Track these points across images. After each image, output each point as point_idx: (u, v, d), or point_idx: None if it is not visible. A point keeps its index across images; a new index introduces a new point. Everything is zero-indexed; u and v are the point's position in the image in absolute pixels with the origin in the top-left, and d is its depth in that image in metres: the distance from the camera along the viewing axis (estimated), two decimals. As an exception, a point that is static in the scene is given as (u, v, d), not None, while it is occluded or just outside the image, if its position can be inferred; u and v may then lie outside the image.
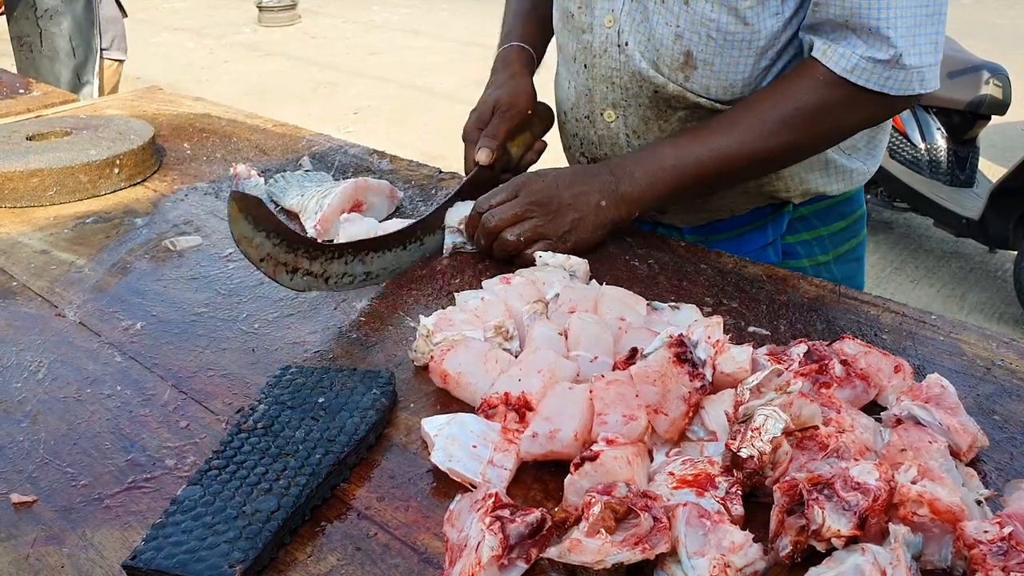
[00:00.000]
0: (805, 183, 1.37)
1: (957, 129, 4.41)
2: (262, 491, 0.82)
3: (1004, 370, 0.98)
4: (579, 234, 1.23)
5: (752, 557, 0.74)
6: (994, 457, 0.85)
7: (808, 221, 1.43)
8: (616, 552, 0.71)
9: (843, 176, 1.39)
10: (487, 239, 1.24)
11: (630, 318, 1.04)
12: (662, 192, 1.25)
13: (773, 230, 1.42)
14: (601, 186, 1.24)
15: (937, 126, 4.43)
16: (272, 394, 0.95)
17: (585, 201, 1.23)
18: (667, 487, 0.80)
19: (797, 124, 1.21)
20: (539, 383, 0.91)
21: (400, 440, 0.93)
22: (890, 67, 1.16)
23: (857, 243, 1.49)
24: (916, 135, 4.42)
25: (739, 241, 1.41)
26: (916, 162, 4.40)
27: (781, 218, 1.41)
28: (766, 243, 1.42)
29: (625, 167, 1.25)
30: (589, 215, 1.23)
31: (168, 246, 1.35)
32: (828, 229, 1.45)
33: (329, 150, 1.72)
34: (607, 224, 1.25)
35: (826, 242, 1.45)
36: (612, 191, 1.24)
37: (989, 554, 0.69)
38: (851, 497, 0.73)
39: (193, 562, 0.75)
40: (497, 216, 1.23)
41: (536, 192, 1.23)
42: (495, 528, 0.74)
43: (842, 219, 1.45)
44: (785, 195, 1.37)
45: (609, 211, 1.24)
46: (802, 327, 1.08)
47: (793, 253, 1.44)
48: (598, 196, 1.24)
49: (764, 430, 0.80)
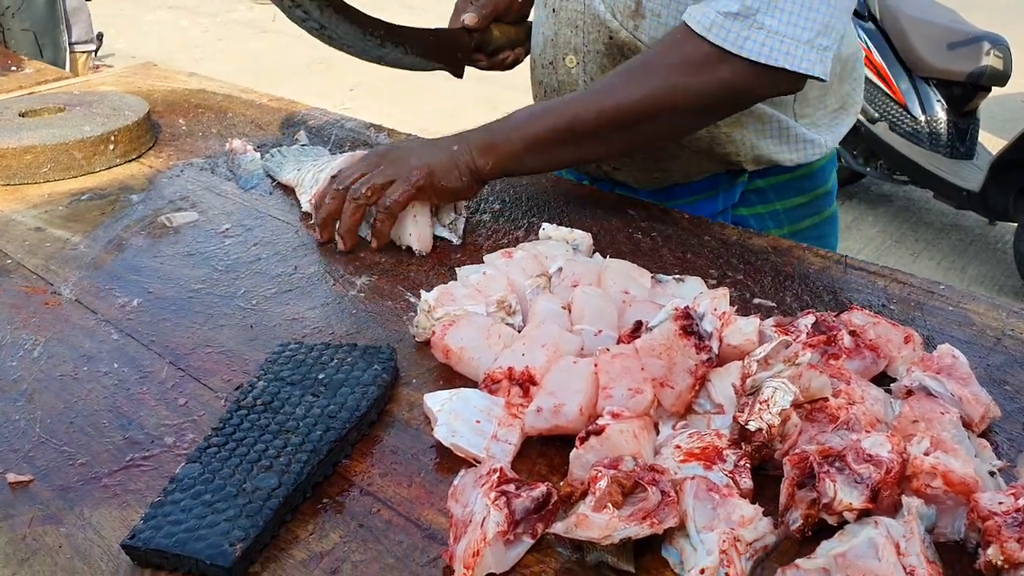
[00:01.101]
0: (757, 148, 1.34)
1: (957, 101, 4.38)
2: (262, 468, 0.80)
3: (1015, 340, 0.96)
4: (434, 171, 1.19)
5: (762, 531, 0.73)
6: (1006, 428, 0.84)
7: (764, 194, 1.41)
8: (624, 527, 0.70)
9: (797, 146, 1.36)
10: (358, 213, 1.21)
11: (634, 291, 1.03)
12: (516, 143, 1.20)
13: (724, 199, 1.40)
14: (454, 139, 1.23)
15: (937, 98, 4.40)
16: (271, 370, 0.94)
17: (438, 148, 1.23)
18: (674, 461, 0.79)
19: (652, 82, 1.16)
20: (543, 357, 0.90)
21: (402, 416, 0.91)
22: (746, 25, 1.10)
23: (819, 220, 1.46)
24: (916, 107, 4.39)
25: (691, 208, 1.39)
26: (916, 134, 4.38)
27: (734, 188, 1.40)
28: (716, 212, 1.40)
29: (485, 127, 1.25)
30: (444, 156, 1.21)
31: (164, 222, 1.33)
32: (784, 204, 1.42)
33: (326, 124, 1.70)
34: (465, 168, 1.21)
35: (781, 217, 1.42)
36: (465, 138, 1.23)
37: (1004, 525, 0.67)
38: (863, 469, 0.72)
39: (192, 541, 0.74)
40: (361, 187, 1.20)
41: (381, 149, 1.27)
42: (500, 503, 0.73)
43: (800, 194, 1.43)
44: (736, 159, 1.35)
45: (463, 155, 1.21)
46: (808, 299, 1.06)
47: (745, 225, 1.41)
48: (449, 142, 1.23)
49: (772, 402, 0.78)
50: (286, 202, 1.38)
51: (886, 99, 4.45)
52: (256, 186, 1.44)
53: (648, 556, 0.73)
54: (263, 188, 1.43)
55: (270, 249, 1.24)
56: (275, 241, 1.26)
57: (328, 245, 1.24)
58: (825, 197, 1.46)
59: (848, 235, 4.44)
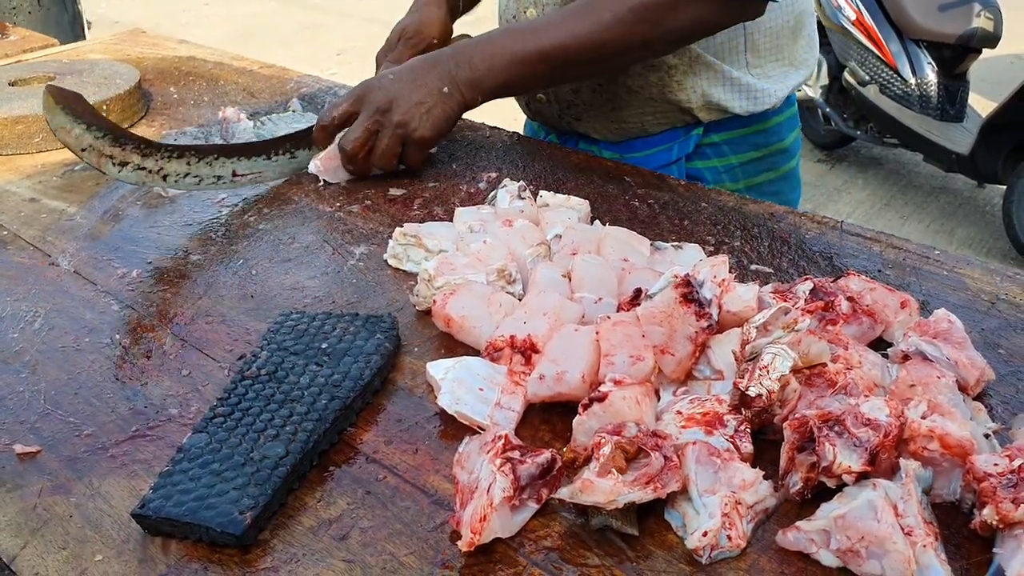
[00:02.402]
0: (707, 96, 1.37)
1: (947, 63, 4.38)
2: (269, 437, 0.81)
3: (1008, 304, 0.98)
4: (432, 124, 1.27)
5: (763, 494, 0.74)
6: (1000, 391, 0.86)
7: (719, 148, 1.44)
8: (627, 492, 0.71)
9: (747, 94, 1.39)
10: (352, 162, 1.30)
11: (633, 259, 1.03)
12: (501, 78, 1.27)
13: (678, 149, 1.43)
14: (441, 74, 1.27)
15: (928, 60, 4.39)
16: (274, 340, 0.94)
17: (428, 91, 1.27)
18: (675, 426, 0.80)
19: (630, 18, 1.21)
20: (544, 325, 0.91)
21: (405, 384, 0.92)
22: None
23: (775, 177, 1.50)
24: (907, 70, 4.38)
25: (648, 159, 1.41)
26: (906, 97, 4.38)
27: (688, 140, 1.43)
28: (670, 161, 1.43)
29: (465, 53, 1.28)
30: (436, 105, 1.27)
31: (160, 192, 1.32)
32: (739, 158, 1.45)
33: (318, 91, 1.69)
34: (456, 108, 1.29)
35: (736, 171, 1.46)
36: (452, 76, 1.27)
37: (999, 486, 0.69)
38: (862, 433, 0.73)
39: (203, 509, 0.75)
40: (350, 140, 1.28)
41: (377, 100, 1.27)
42: (506, 470, 0.74)
43: (755, 149, 1.46)
44: (687, 104, 1.38)
45: (454, 95, 1.27)
46: (805, 264, 1.07)
47: (700, 178, 1.44)
48: (439, 83, 1.27)
49: (772, 368, 0.80)
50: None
51: (877, 61, 4.45)
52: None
53: (651, 520, 0.74)
54: (258, 157, 1.43)
55: (267, 218, 1.24)
56: (271, 210, 1.26)
57: (325, 215, 1.24)
58: (781, 154, 1.49)
59: (838, 198, 4.46)
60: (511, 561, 0.72)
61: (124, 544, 0.75)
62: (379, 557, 0.73)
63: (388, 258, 1.12)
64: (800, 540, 0.70)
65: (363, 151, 1.29)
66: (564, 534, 0.74)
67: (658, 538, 0.73)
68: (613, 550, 0.72)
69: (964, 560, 0.70)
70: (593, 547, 0.72)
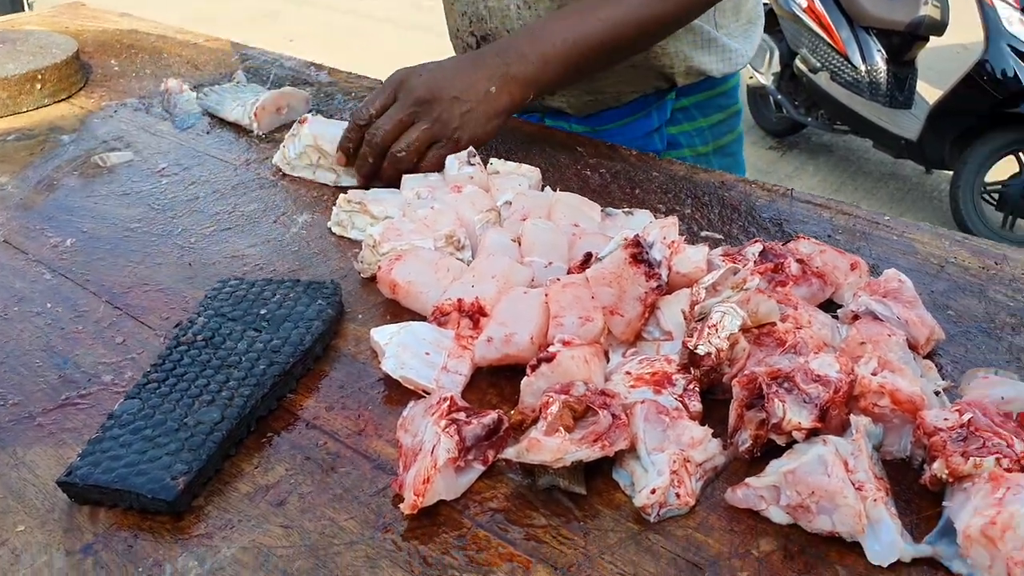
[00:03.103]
0: (689, 60, 1.36)
1: (896, 51, 4.44)
2: (204, 403, 0.78)
3: (957, 267, 0.98)
4: (472, 128, 1.13)
5: (712, 452, 0.73)
6: (949, 351, 0.85)
7: (689, 112, 1.44)
8: (575, 450, 0.69)
9: (724, 56, 1.39)
10: (376, 157, 1.13)
11: (584, 224, 1.02)
12: (556, 70, 1.16)
13: (658, 116, 1.42)
14: (490, 72, 1.13)
15: (877, 48, 4.45)
16: (211, 307, 0.91)
17: (474, 91, 1.12)
18: (624, 386, 0.79)
19: None
20: (493, 288, 0.89)
21: (349, 351, 0.90)
22: None
23: (733, 139, 1.50)
24: (857, 57, 4.43)
25: (626, 129, 1.40)
26: (856, 84, 4.43)
27: (665, 105, 1.41)
28: (651, 129, 1.41)
29: (514, 47, 1.16)
30: (480, 106, 1.13)
31: (98, 162, 1.28)
32: (707, 120, 1.45)
33: (264, 63, 1.65)
34: (501, 112, 1.15)
35: (706, 133, 1.46)
36: (502, 75, 1.13)
37: (949, 441, 0.68)
38: (812, 389, 0.72)
39: (133, 476, 0.71)
40: (381, 128, 1.12)
41: (416, 89, 1.12)
42: (451, 431, 0.72)
43: (720, 111, 1.46)
44: (671, 71, 1.36)
45: (502, 97, 1.14)
46: (755, 231, 1.06)
47: (676, 143, 1.44)
48: (487, 83, 1.13)
49: (721, 327, 0.78)
50: (224, 141, 1.34)
51: (827, 49, 4.49)
52: (193, 125, 1.39)
53: (599, 479, 0.73)
54: (200, 127, 1.39)
55: (208, 188, 1.20)
56: (213, 180, 1.22)
57: (267, 183, 1.20)
58: (737, 115, 1.50)
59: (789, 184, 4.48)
60: (455, 523, 0.70)
61: (49, 514, 0.71)
62: (318, 522, 0.70)
63: (332, 226, 1.09)
64: (749, 497, 0.69)
65: (391, 144, 1.12)
66: (511, 495, 0.72)
67: (606, 497, 0.71)
68: (560, 510, 0.70)
69: (914, 515, 0.69)
70: (540, 507, 0.70)
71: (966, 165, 3.93)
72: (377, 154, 1.13)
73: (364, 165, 1.15)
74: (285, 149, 1.18)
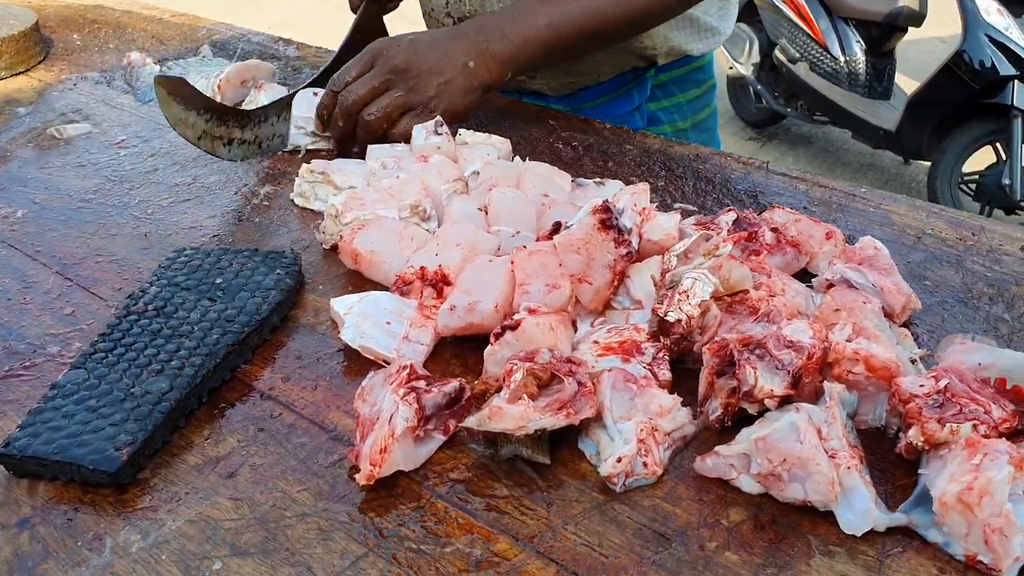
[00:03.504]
0: (670, 41, 1.34)
1: (875, 41, 4.43)
2: (153, 372, 0.75)
3: (934, 238, 0.95)
4: (448, 99, 1.12)
5: (681, 421, 0.70)
6: (926, 320, 0.83)
7: (667, 88, 1.41)
8: (538, 418, 0.67)
9: (704, 35, 1.37)
10: (346, 120, 1.11)
11: (554, 194, 0.99)
12: (536, 52, 1.15)
13: (638, 95, 1.39)
14: (467, 46, 1.12)
15: (856, 39, 4.43)
16: (165, 276, 0.87)
17: (451, 63, 1.11)
18: (592, 355, 0.76)
19: None
20: (457, 256, 0.86)
21: (308, 321, 0.86)
22: None
23: (709, 113, 1.48)
24: (836, 47, 4.42)
25: (606, 108, 1.37)
26: (835, 75, 4.41)
27: (645, 83, 1.39)
28: (632, 108, 1.39)
29: (494, 25, 1.14)
30: (457, 78, 1.12)
31: (54, 134, 1.24)
32: (685, 96, 1.43)
33: (231, 38, 1.61)
34: (478, 87, 1.14)
35: (684, 108, 1.43)
36: (481, 51, 1.12)
37: (925, 407, 0.66)
38: (784, 355, 0.69)
39: (75, 447, 0.68)
40: (354, 93, 1.10)
41: (392, 58, 1.10)
42: (410, 399, 0.69)
43: (697, 87, 1.44)
44: (652, 52, 1.34)
45: (479, 72, 1.13)
46: (730, 203, 1.04)
47: (656, 120, 1.42)
48: (464, 56, 1.12)
49: (692, 293, 0.76)
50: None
51: (806, 39, 4.47)
52: (154, 99, 1.35)
53: (564, 449, 0.70)
54: (162, 100, 1.35)
55: (168, 159, 1.16)
56: (173, 152, 1.18)
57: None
58: (712, 90, 1.48)
59: (769, 175, 4.47)
60: (413, 494, 0.67)
61: (-14, 486, 0.68)
62: (269, 495, 0.67)
63: (295, 197, 1.06)
64: (719, 465, 0.66)
65: (362, 109, 1.10)
66: (472, 466, 0.69)
67: (571, 467, 0.68)
68: (523, 480, 0.67)
69: (889, 484, 0.66)
70: (502, 478, 0.68)
71: (944, 155, 3.92)
72: (347, 117, 1.11)
73: (336, 129, 1.13)
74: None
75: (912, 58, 5.36)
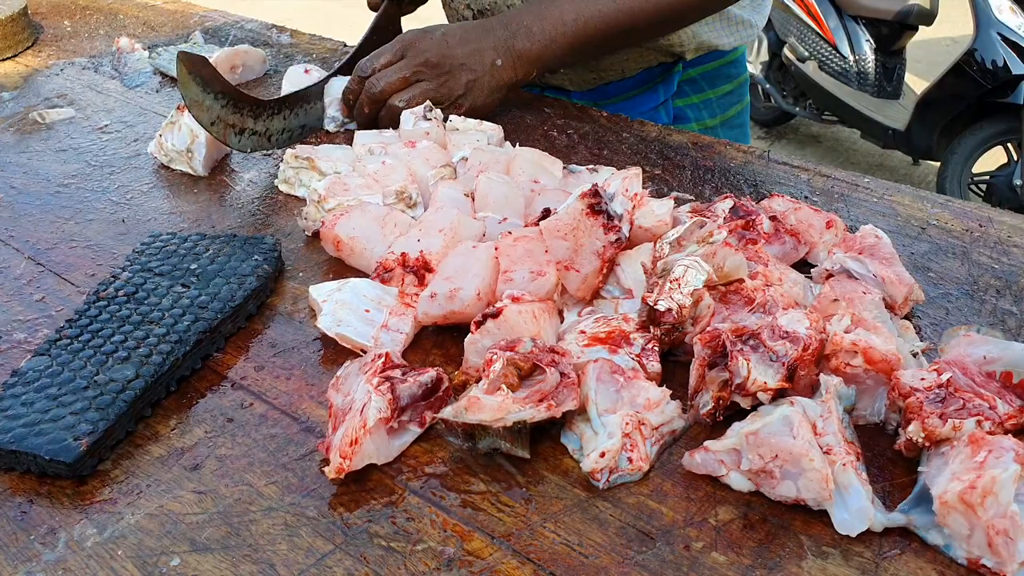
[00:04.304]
0: (699, 36, 1.29)
1: (885, 40, 4.38)
2: (119, 360, 0.72)
3: (939, 229, 0.91)
4: (474, 97, 1.12)
5: (669, 415, 0.67)
6: (929, 312, 0.79)
7: (696, 83, 1.36)
8: (518, 409, 0.63)
9: (735, 29, 1.32)
10: (372, 107, 1.11)
11: (545, 180, 0.95)
12: (563, 50, 1.13)
13: (664, 90, 1.34)
14: (495, 43, 1.11)
15: (866, 37, 4.38)
16: (139, 261, 0.84)
17: (479, 60, 1.11)
18: (577, 345, 0.72)
19: None
20: (440, 243, 0.82)
21: (285, 309, 0.83)
22: None
23: (741, 108, 1.43)
24: (845, 46, 4.37)
25: (630, 104, 1.32)
26: (845, 73, 4.37)
27: (672, 78, 1.34)
28: (658, 104, 1.34)
29: (522, 21, 1.12)
30: (484, 76, 1.11)
31: (36, 118, 1.21)
32: (716, 92, 1.38)
33: (224, 25, 1.58)
34: (504, 86, 1.13)
35: (714, 105, 1.38)
36: (508, 48, 1.11)
37: (926, 401, 0.62)
38: (779, 347, 0.66)
39: (32, 436, 0.65)
40: (383, 80, 1.09)
41: (425, 52, 1.10)
42: (383, 389, 0.66)
43: (728, 82, 1.39)
44: (679, 49, 1.29)
45: (506, 71, 1.12)
46: (729, 191, 1.00)
47: (683, 117, 1.37)
48: (493, 54, 1.11)
49: (684, 282, 0.72)
50: (173, 99, 1.27)
51: (816, 38, 4.43)
52: (142, 84, 1.32)
53: (546, 444, 0.66)
54: (149, 86, 1.32)
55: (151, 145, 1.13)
56: (158, 137, 1.15)
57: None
58: (744, 85, 1.42)
59: (776, 174, 4.43)
60: (386, 489, 0.63)
61: (-62, 476, 0.65)
62: (235, 488, 0.64)
63: (279, 183, 1.03)
64: (708, 461, 0.63)
65: (389, 97, 1.10)
66: (449, 460, 0.66)
67: (552, 462, 0.65)
68: (501, 475, 0.64)
69: (887, 482, 0.63)
70: (479, 472, 0.64)
71: (954, 155, 3.87)
72: (373, 104, 1.11)
73: (360, 114, 1.13)
74: (162, 139, 1.07)
75: (922, 57, 5.31)
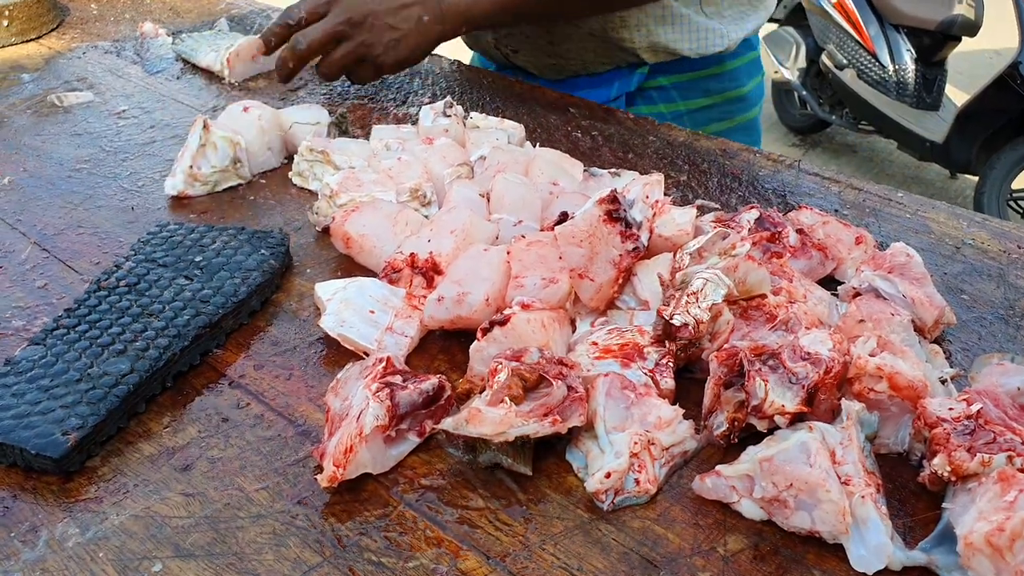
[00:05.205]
0: (653, 35, 1.24)
1: (927, 51, 4.30)
2: (114, 353, 0.70)
3: (975, 249, 0.87)
4: (401, 51, 1.13)
5: (681, 435, 0.63)
6: (961, 337, 0.75)
7: (666, 92, 1.31)
8: (521, 424, 0.60)
9: (696, 35, 1.26)
10: (296, 63, 1.12)
11: (564, 183, 0.92)
12: (488, 8, 1.14)
13: (620, 86, 1.31)
14: (423, 5, 1.12)
15: (907, 47, 4.31)
16: (143, 251, 0.82)
17: (406, 16, 1.12)
18: (588, 357, 0.69)
19: None
20: (451, 244, 0.79)
21: (290, 306, 0.81)
22: None
23: (730, 127, 1.35)
24: (885, 55, 4.29)
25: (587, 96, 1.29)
26: (883, 83, 4.29)
27: (631, 78, 1.30)
28: (608, 99, 1.29)
29: None
30: (412, 31, 1.12)
31: (54, 101, 1.19)
32: (687, 104, 1.32)
33: (250, 13, 1.56)
34: (432, 40, 1.14)
35: (684, 119, 1.32)
36: (435, 4, 1.13)
37: (953, 433, 0.58)
38: (799, 368, 0.62)
39: (20, 429, 0.63)
40: (308, 38, 1.10)
41: (351, 8, 1.11)
42: (382, 395, 0.63)
43: (707, 96, 1.33)
44: (630, 45, 1.25)
45: (433, 26, 1.13)
46: (756, 201, 0.97)
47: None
48: (419, 9, 1.12)
49: (702, 296, 0.69)
50: (193, 87, 1.25)
51: (855, 46, 4.36)
52: (164, 70, 1.31)
53: (551, 460, 0.64)
54: (171, 72, 1.30)
55: (167, 132, 1.11)
56: (174, 124, 1.13)
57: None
58: (738, 102, 1.35)
59: (809, 183, 4.36)
60: (380, 501, 0.61)
61: (-78, 466, 0.63)
62: (224, 492, 0.61)
63: (293, 176, 1.00)
64: (719, 487, 0.59)
65: (314, 56, 1.12)
66: (447, 473, 0.63)
67: (556, 480, 0.62)
68: (501, 491, 0.61)
69: (909, 517, 0.59)
70: (478, 488, 0.61)
71: (993, 170, 3.79)
72: (299, 61, 1.12)
73: (284, 68, 1.13)
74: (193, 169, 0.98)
75: (964, 69, 5.21)
